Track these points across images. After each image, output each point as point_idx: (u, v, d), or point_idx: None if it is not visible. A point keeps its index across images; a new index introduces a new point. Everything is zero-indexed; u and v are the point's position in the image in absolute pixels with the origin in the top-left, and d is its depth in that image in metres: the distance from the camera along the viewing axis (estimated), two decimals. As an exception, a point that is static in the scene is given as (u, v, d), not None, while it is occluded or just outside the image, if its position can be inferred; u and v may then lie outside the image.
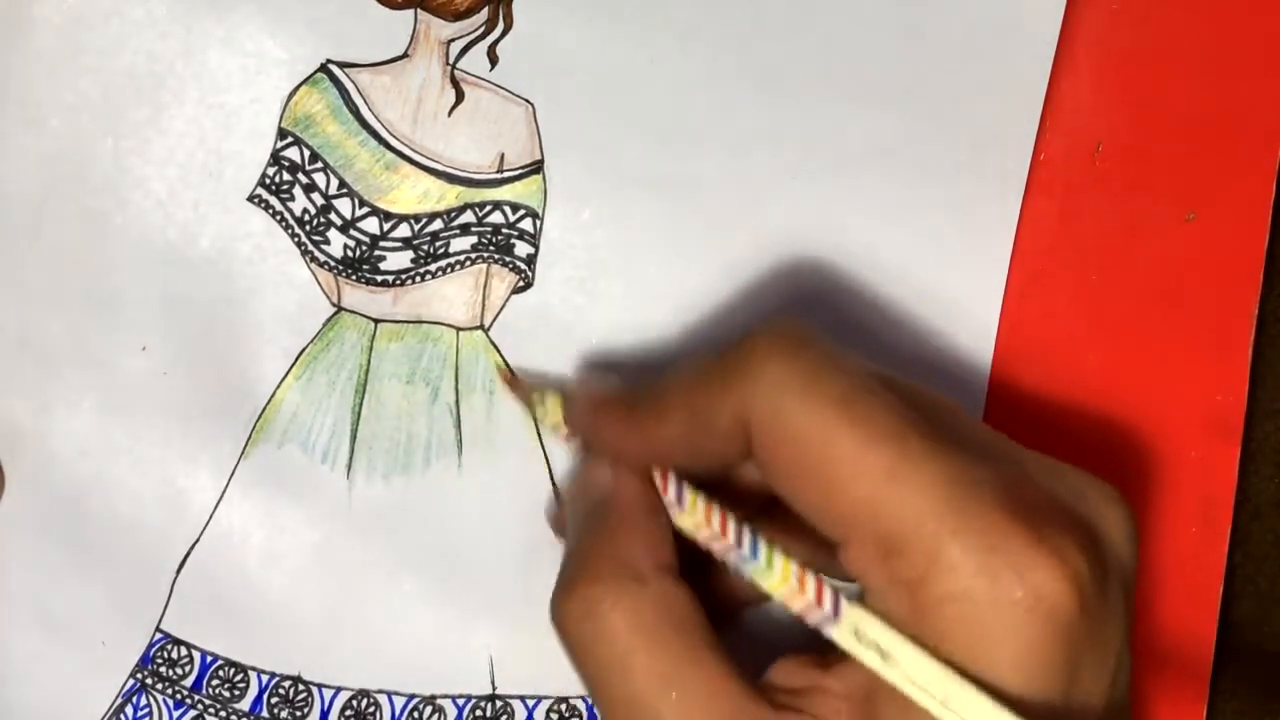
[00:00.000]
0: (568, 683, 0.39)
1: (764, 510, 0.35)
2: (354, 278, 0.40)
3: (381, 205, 0.40)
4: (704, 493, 0.34)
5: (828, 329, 0.39)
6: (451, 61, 0.40)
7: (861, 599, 0.31)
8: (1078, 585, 0.28)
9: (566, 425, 0.37)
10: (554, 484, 0.40)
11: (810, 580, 0.31)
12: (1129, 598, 0.31)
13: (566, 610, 0.32)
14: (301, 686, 0.40)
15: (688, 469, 0.34)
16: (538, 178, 0.40)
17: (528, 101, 0.40)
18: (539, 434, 0.40)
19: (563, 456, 0.40)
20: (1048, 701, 0.28)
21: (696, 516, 0.33)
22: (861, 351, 0.39)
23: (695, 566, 0.34)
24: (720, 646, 0.32)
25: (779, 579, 0.31)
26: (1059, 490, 0.31)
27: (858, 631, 0.30)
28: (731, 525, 0.33)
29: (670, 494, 0.34)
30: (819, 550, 0.33)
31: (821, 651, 0.32)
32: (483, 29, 0.40)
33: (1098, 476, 0.32)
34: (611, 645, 0.31)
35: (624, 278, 0.40)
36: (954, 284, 0.40)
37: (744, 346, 0.32)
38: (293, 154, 0.40)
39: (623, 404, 0.35)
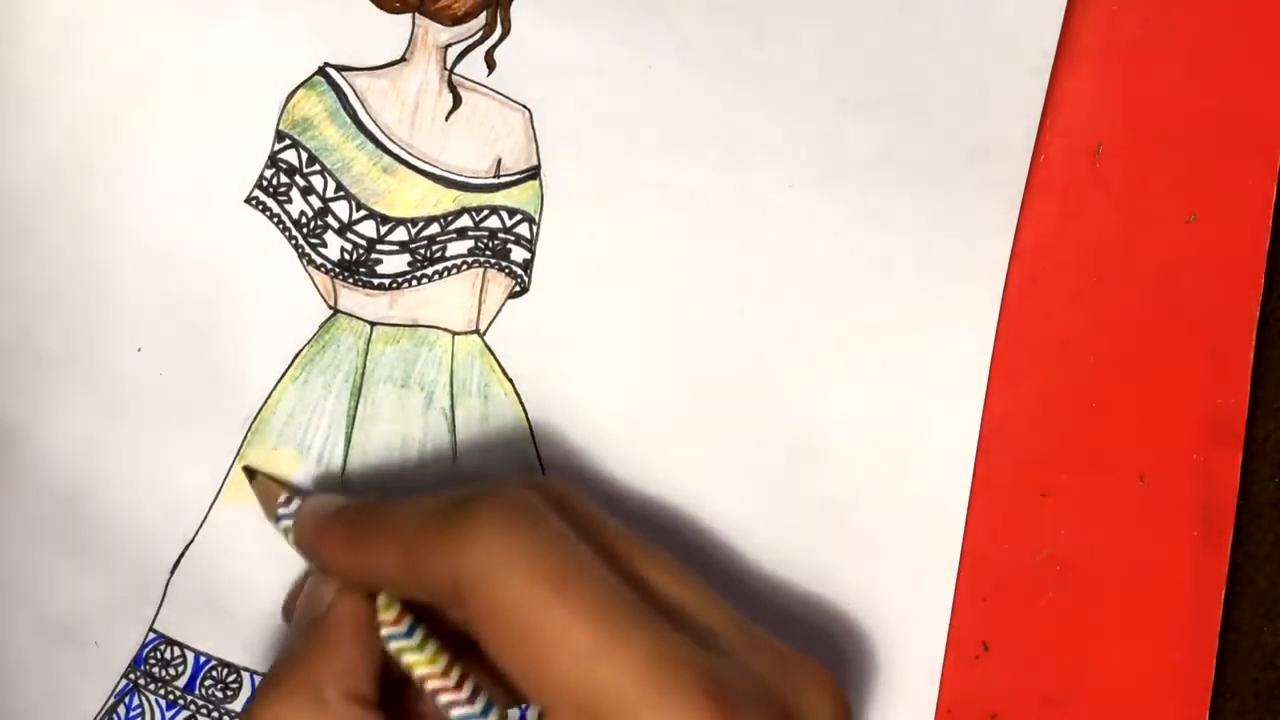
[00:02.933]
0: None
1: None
2: (351, 280, 0.40)
3: (379, 208, 0.40)
4: (436, 640, 0.34)
5: (828, 332, 0.40)
6: (449, 66, 0.40)
7: None
8: None
9: (295, 537, 0.37)
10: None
11: None
12: None
13: None
14: (293, 689, 0.39)
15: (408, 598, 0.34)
16: (535, 183, 0.40)
17: (525, 107, 0.40)
18: (533, 438, 0.40)
19: (558, 460, 0.40)
20: None
21: (425, 654, 0.34)
22: (860, 353, 0.40)
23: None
24: None
25: None
26: (768, 672, 0.31)
27: None
28: (422, 687, 0.33)
29: (404, 625, 0.34)
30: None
31: None
32: (480, 34, 0.40)
33: (811, 661, 0.33)
34: None
35: (620, 284, 0.40)
36: (953, 288, 0.40)
37: (466, 508, 0.32)
38: (290, 156, 0.40)
39: (343, 526, 0.35)
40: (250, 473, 0.39)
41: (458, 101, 0.40)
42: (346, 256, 0.40)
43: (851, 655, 0.40)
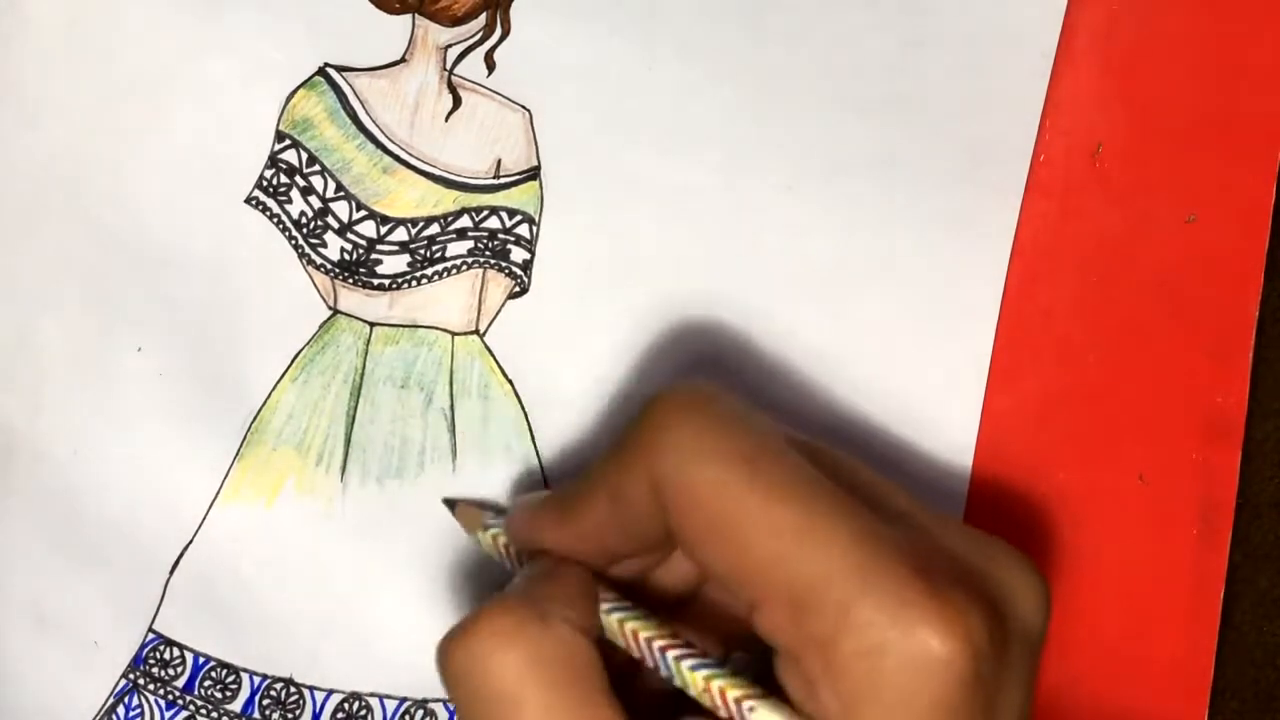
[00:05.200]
0: (560, 688, 0.39)
1: (688, 602, 0.35)
2: (350, 281, 0.40)
3: (379, 209, 0.40)
4: (626, 611, 0.33)
5: (828, 332, 0.40)
6: (449, 67, 0.40)
7: (775, 678, 0.31)
8: (974, 648, 0.28)
9: (510, 540, 0.36)
10: (547, 488, 0.40)
11: (716, 692, 0.31)
12: (1034, 663, 0.31)
13: (457, 643, 0.31)
14: (293, 688, 0.39)
15: (622, 556, 0.34)
16: (534, 184, 0.40)
17: (525, 108, 0.40)
18: (533, 439, 0.40)
19: (558, 461, 0.40)
20: None
21: (648, 620, 0.33)
22: (859, 353, 0.40)
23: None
24: (618, 703, 0.31)
25: (697, 693, 0.32)
26: (967, 553, 0.31)
27: None
28: (645, 648, 0.33)
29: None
30: (743, 629, 0.33)
31: None
32: (480, 35, 0.40)
33: (1004, 541, 0.32)
34: (499, 680, 0.30)
35: (619, 284, 0.40)
36: (953, 288, 0.40)
37: (647, 414, 0.31)
38: (290, 157, 0.40)
39: (554, 504, 0.34)
40: (451, 503, 0.39)
41: (458, 102, 0.40)
42: (346, 257, 0.40)
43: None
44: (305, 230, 0.40)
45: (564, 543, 0.34)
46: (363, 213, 0.40)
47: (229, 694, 0.39)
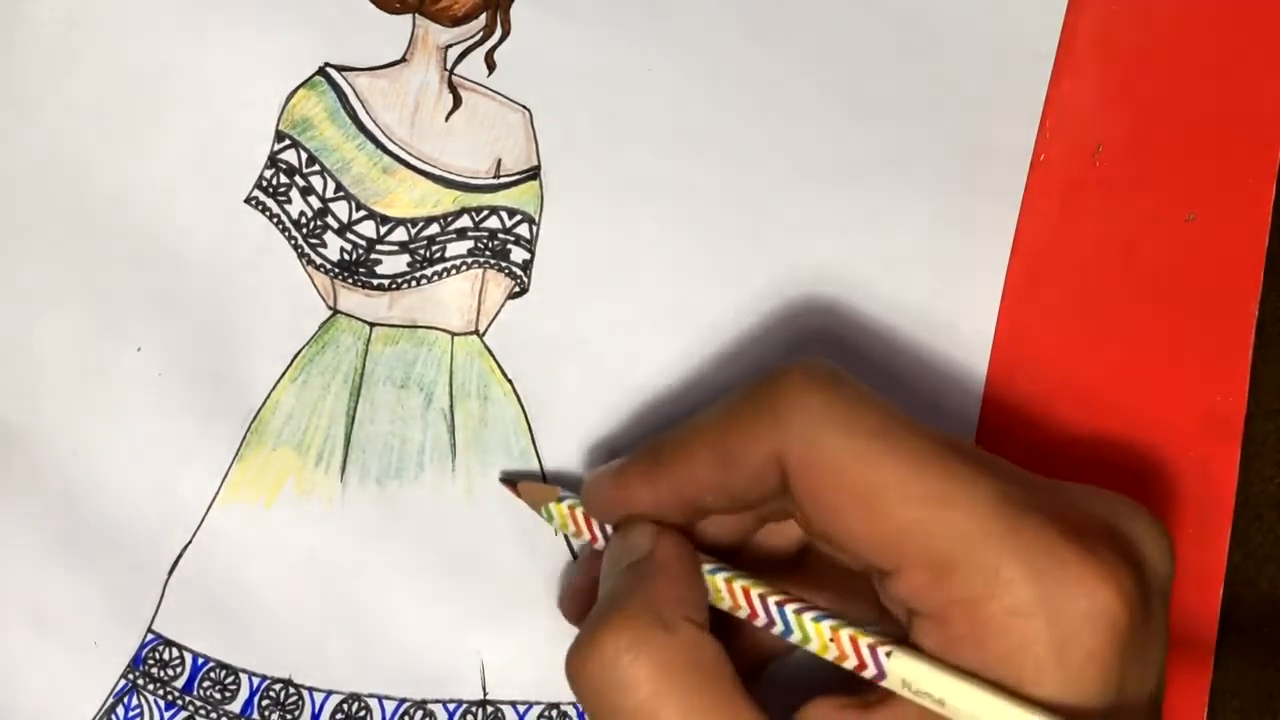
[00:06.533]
0: (559, 689, 0.39)
1: (788, 568, 0.36)
2: (350, 281, 0.40)
3: (378, 209, 0.40)
4: (732, 571, 0.33)
5: (826, 334, 0.40)
6: (449, 67, 0.40)
7: (905, 636, 0.31)
8: (1126, 599, 0.29)
9: (586, 513, 0.36)
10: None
11: (846, 640, 0.31)
12: (1167, 612, 0.32)
13: (586, 657, 0.31)
14: (292, 689, 0.39)
15: (714, 514, 0.34)
16: (534, 183, 0.40)
17: (525, 107, 0.40)
18: (532, 439, 0.40)
19: (558, 461, 0.40)
20: (1103, 709, 0.29)
21: (725, 599, 0.33)
22: (860, 353, 0.40)
23: (720, 620, 0.34)
24: (751, 696, 0.31)
25: (819, 646, 0.32)
26: (1099, 512, 0.31)
27: (905, 681, 0.30)
28: (760, 605, 0.33)
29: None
30: (849, 597, 0.34)
31: (857, 692, 0.32)
32: (480, 35, 0.40)
33: (1126, 497, 0.33)
34: (635, 692, 0.31)
35: (619, 284, 0.40)
36: (952, 289, 0.40)
37: (776, 383, 0.32)
38: (290, 156, 0.40)
39: (646, 457, 0.35)
40: (511, 481, 0.39)
41: (458, 102, 0.40)
42: (346, 257, 0.40)
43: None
44: (305, 230, 0.40)
45: (656, 498, 0.34)
46: (362, 213, 0.40)
47: (228, 694, 0.39)
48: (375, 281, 0.40)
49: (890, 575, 0.31)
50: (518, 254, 0.40)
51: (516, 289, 0.40)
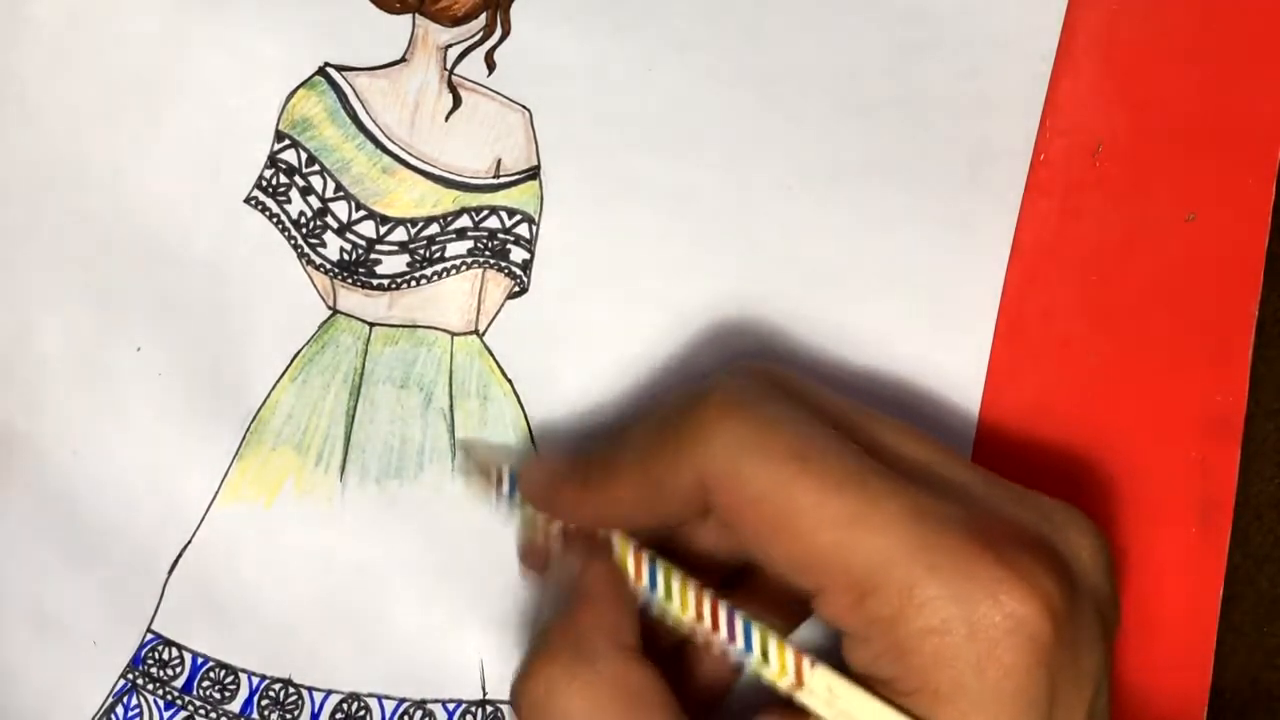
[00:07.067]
0: (560, 688, 0.39)
1: (728, 580, 0.36)
2: (350, 281, 0.40)
3: (378, 209, 0.40)
4: (684, 578, 0.34)
5: (825, 334, 0.40)
6: (449, 66, 0.40)
7: (839, 650, 0.31)
8: (1050, 608, 0.29)
9: (522, 496, 0.37)
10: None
11: (774, 650, 0.31)
12: (1107, 626, 0.31)
13: (523, 691, 0.32)
14: (292, 689, 0.39)
15: (646, 531, 0.34)
16: (534, 183, 0.40)
17: (525, 108, 0.40)
18: (532, 439, 0.40)
19: (558, 461, 0.40)
20: None
21: (675, 602, 0.33)
22: (859, 353, 0.40)
23: (674, 654, 0.35)
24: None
25: (756, 659, 0.32)
26: (1026, 517, 0.31)
27: (828, 698, 0.31)
28: (709, 608, 0.33)
29: (645, 580, 0.34)
30: (787, 613, 0.34)
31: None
32: (480, 34, 0.40)
33: (1064, 503, 0.32)
34: None
35: (619, 284, 0.40)
36: (952, 289, 0.40)
37: (695, 406, 0.32)
38: (289, 156, 0.40)
39: (578, 470, 0.35)
40: (466, 448, 0.39)
41: (458, 102, 0.40)
42: (346, 257, 0.40)
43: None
44: (305, 230, 0.40)
45: (584, 513, 0.34)
46: (362, 213, 0.40)
47: (228, 694, 0.39)
48: (375, 281, 0.40)
49: (816, 597, 0.31)
50: (517, 254, 0.40)
51: (516, 289, 0.40)
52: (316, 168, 0.40)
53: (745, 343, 0.40)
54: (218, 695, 0.39)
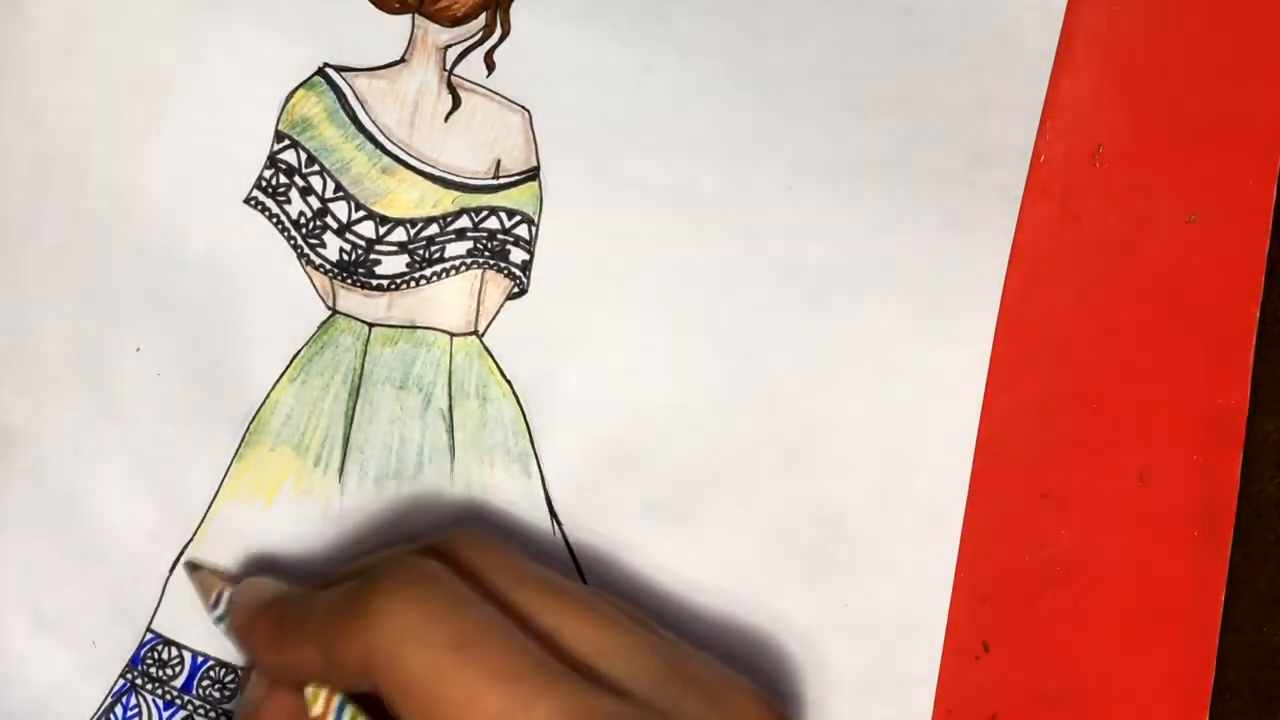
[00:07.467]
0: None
1: None
2: (349, 281, 0.40)
3: (378, 209, 0.40)
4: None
5: (827, 333, 0.40)
6: (448, 67, 0.40)
7: None
8: None
9: (231, 628, 0.37)
10: (546, 493, 0.40)
11: None
12: None
13: None
14: (291, 690, 0.39)
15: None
16: (534, 184, 0.40)
17: (524, 108, 0.40)
18: (531, 440, 0.40)
19: (557, 462, 0.40)
20: None
21: None
22: (859, 354, 0.40)
23: None
24: None
25: None
26: (687, 712, 0.32)
27: None
28: None
29: (331, 717, 0.34)
30: None
31: None
32: (480, 35, 0.40)
33: (741, 684, 0.33)
34: None
35: (619, 285, 0.40)
36: (952, 289, 0.40)
37: (367, 588, 0.32)
38: (289, 157, 0.40)
39: (270, 621, 0.35)
40: (191, 566, 0.39)
41: (457, 102, 0.40)
42: (345, 257, 0.40)
43: (848, 656, 0.39)
44: (304, 230, 0.40)
45: (274, 666, 0.35)
46: (362, 213, 0.40)
47: (228, 694, 0.39)
48: (374, 282, 0.40)
49: None
50: (517, 254, 0.40)
51: (515, 289, 0.40)
52: (316, 168, 0.40)
53: (745, 341, 0.40)
54: (217, 694, 0.39)
